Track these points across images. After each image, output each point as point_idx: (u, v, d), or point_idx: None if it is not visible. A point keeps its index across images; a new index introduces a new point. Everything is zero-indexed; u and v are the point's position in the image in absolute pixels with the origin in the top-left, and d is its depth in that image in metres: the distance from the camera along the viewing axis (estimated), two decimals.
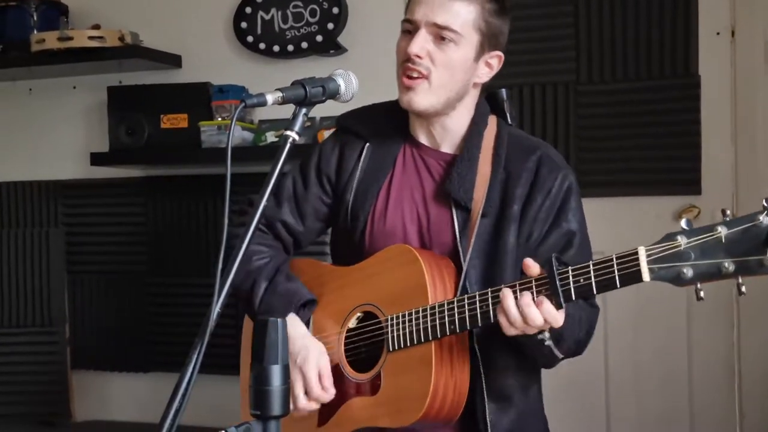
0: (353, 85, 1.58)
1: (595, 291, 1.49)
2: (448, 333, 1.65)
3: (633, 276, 1.43)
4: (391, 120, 1.90)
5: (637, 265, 1.42)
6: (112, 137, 3.41)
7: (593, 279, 1.48)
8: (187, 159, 3.38)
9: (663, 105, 2.98)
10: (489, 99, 1.90)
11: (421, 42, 1.74)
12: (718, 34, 2.94)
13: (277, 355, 1.20)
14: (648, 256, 1.41)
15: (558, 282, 1.50)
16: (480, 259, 1.75)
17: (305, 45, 3.30)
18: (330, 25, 3.26)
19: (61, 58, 3.33)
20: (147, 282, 3.56)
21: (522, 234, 1.76)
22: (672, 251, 1.39)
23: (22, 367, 3.57)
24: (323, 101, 1.53)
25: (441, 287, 1.71)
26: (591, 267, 1.48)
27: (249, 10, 3.37)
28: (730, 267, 1.35)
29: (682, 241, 1.38)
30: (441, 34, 1.74)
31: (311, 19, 3.29)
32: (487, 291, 1.62)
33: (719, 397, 2.95)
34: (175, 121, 3.34)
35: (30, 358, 3.57)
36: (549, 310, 1.51)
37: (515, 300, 1.54)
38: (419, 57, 1.74)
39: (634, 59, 3.01)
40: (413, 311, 1.69)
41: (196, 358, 1.25)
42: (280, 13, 3.34)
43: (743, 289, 1.35)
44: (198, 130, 3.27)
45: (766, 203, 1.33)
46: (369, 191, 1.86)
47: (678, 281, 1.39)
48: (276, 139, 3.24)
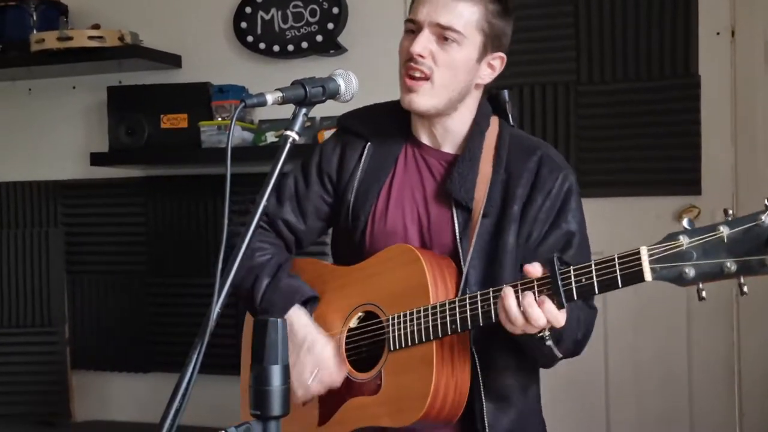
0: (353, 85, 1.58)
1: (597, 291, 1.48)
2: (449, 333, 1.65)
3: (635, 276, 1.43)
4: (393, 120, 1.90)
5: (639, 265, 1.42)
6: (111, 137, 3.41)
7: (595, 279, 1.48)
8: (187, 159, 3.38)
9: (663, 105, 2.98)
10: (491, 100, 1.90)
11: (424, 42, 1.74)
12: (718, 34, 2.94)
13: (277, 356, 1.20)
14: (650, 255, 1.41)
15: (560, 282, 1.49)
16: (480, 260, 1.75)
17: (305, 45, 3.30)
18: (330, 25, 3.26)
19: (61, 58, 3.33)
20: (147, 282, 3.55)
21: (522, 234, 1.76)
22: (674, 251, 1.39)
23: (21, 367, 3.56)
24: (323, 101, 1.53)
25: (442, 287, 1.71)
26: (593, 267, 1.48)
27: (249, 10, 3.37)
28: (732, 267, 1.34)
29: (684, 241, 1.38)
30: (444, 34, 1.74)
31: (311, 19, 3.29)
32: (489, 290, 1.62)
33: (719, 398, 2.95)
34: (175, 121, 3.34)
35: (30, 358, 3.57)
36: (551, 309, 1.51)
37: (516, 299, 1.54)
38: (422, 56, 1.74)
39: (634, 59, 3.01)
40: (414, 311, 1.69)
41: (196, 358, 1.25)
42: (280, 13, 3.33)
43: (745, 289, 1.34)
44: (198, 130, 3.27)
45: (767, 203, 1.33)
46: (370, 191, 1.86)
47: (680, 281, 1.39)
48: (276, 139, 3.24)
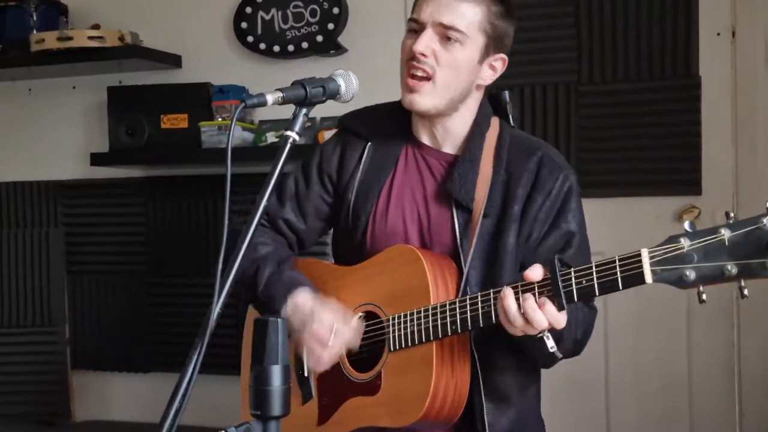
0: (353, 86, 1.58)
1: (598, 293, 1.48)
2: (449, 333, 1.65)
3: (635, 278, 1.43)
4: (394, 120, 1.90)
5: (640, 267, 1.41)
6: (112, 137, 3.41)
7: (596, 280, 1.47)
8: (187, 159, 3.38)
9: (663, 105, 2.98)
10: (492, 100, 1.90)
11: (427, 41, 1.74)
12: (718, 34, 2.94)
13: (277, 356, 1.20)
14: (651, 258, 1.40)
15: (560, 283, 1.49)
16: (481, 260, 1.75)
17: (305, 45, 3.29)
18: (330, 25, 3.26)
19: (61, 58, 3.33)
20: (147, 282, 3.55)
21: (522, 234, 1.76)
22: (675, 253, 1.38)
23: (21, 367, 3.56)
24: (323, 101, 1.53)
25: (443, 287, 1.71)
26: (594, 268, 1.48)
27: (249, 10, 3.37)
28: (732, 270, 1.34)
29: (685, 244, 1.37)
30: (447, 34, 1.74)
31: (311, 19, 3.29)
32: (489, 291, 1.61)
33: (719, 399, 2.94)
34: (175, 122, 3.34)
35: (30, 358, 3.57)
36: (551, 311, 1.51)
37: (516, 300, 1.54)
38: (424, 55, 1.74)
39: (634, 60, 3.00)
40: (415, 311, 1.69)
41: (196, 358, 1.25)
42: (280, 13, 3.33)
43: (745, 292, 1.34)
44: (198, 130, 3.27)
45: None
46: (370, 191, 1.86)
47: (680, 284, 1.38)
48: (276, 140, 3.24)
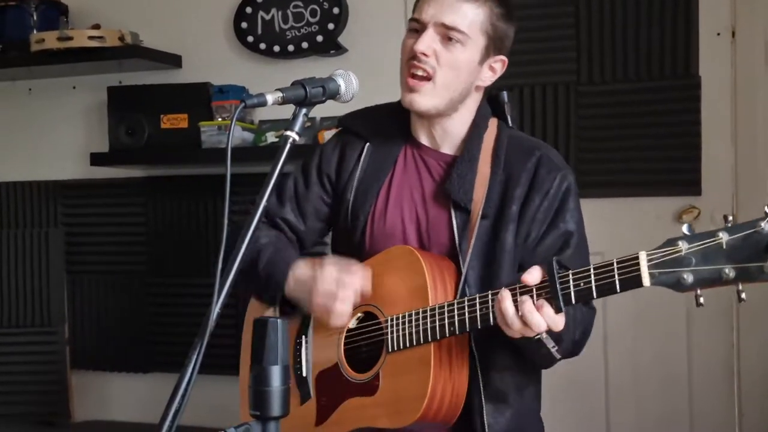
0: (353, 86, 1.58)
1: (595, 295, 1.48)
2: (447, 335, 1.65)
3: (633, 281, 1.43)
4: (393, 121, 1.91)
5: (638, 270, 1.41)
6: (112, 137, 3.41)
7: (593, 283, 1.47)
8: (187, 159, 3.38)
9: (663, 105, 2.98)
10: (490, 101, 1.91)
11: (429, 41, 1.75)
12: (718, 34, 2.93)
13: (277, 356, 1.20)
14: (649, 260, 1.40)
15: (558, 286, 1.49)
16: (479, 260, 1.75)
17: (305, 45, 3.29)
18: (330, 25, 3.26)
19: (61, 58, 3.33)
20: (147, 282, 3.55)
21: (520, 234, 1.76)
22: (673, 256, 1.38)
23: (21, 367, 3.56)
24: (323, 101, 1.53)
25: (441, 289, 1.71)
26: (591, 271, 1.48)
27: (249, 10, 3.37)
28: (730, 273, 1.34)
29: (683, 247, 1.37)
30: (448, 34, 1.75)
31: (311, 19, 3.29)
32: (488, 293, 1.61)
33: (719, 400, 2.94)
34: (175, 121, 3.34)
35: (29, 358, 3.57)
36: (549, 313, 1.51)
37: (514, 303, 1.54)
38: (426, 55, 1.75)
39: (634, 60, 3.00)
40: (413, 312, 1.69)
41: (195, 358, 1.25)
42: (280, 13, 3.33)
43: (743, 296, 1.34)
44: (198, 130, 3.27)
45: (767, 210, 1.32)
46: (369, 191, 1.86)
47: (678, 287, 1.38)
48: (276, 140, 3.23)
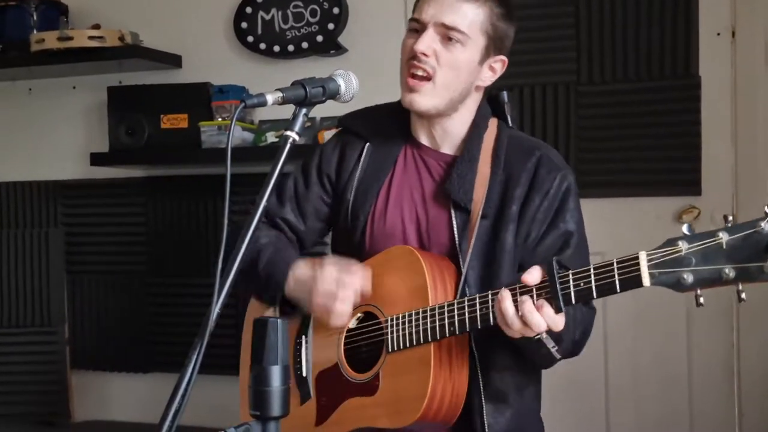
0: (353, 86, 1.58)
1: (595, 295, 1.48)
2: (447, 335, 1.65)
3: (633, 281, 1.43)
4: (393, 121, 1.91)
5: (638, 270, 1.41)
6: (112, 137, 3.41)
7: (593, 283, 1.47)
8: (187, 159, 3.37)
9: (663, 105, 2.97)
10: (490, 101, 1.91)
11: (429, 41, 1.75)
12: (718, 34, 2.93)
13: (277, 356, 1.20)
14: (649, 260, 1.40)
15: (558, 286, 1.49)
16: (479, 260, 1.75)
17: (305, 45, 3.29)
18: (330, 25, 3.26)
19: (61, 58, 3.33)
20: (147, 282, 3.55)
21: (520, 234, 1.76)
22: (673, 256, 1.38)
23: (21, 367, 3.56)
24: (323, 101, 1.53)
25: (441, 289, 1.71)
26: (591, 271, 1.48)
27: (249, 10, 3.37)
28: (730, 273, 1.34)
29: (683, 247, 1.37)
30: (448, 34, 1.75)
31: (311, 19, 3.29)
32: (488, 293, 1.61)
33: (719, 401, 2.94)
34: (175, 122, 3.34)
35: (29, 358, 3.57)
36: (549, 313, 1.51)
37: (514, 303, 1.54)
38: (426, 55, 1.75)
39: (634, 60, 3.00)
40: (413, 312, 1.69)
41: (195, 358, 1.25)
42: (280, 13, 3.33)
43: (743, 296, 1.34)
44: (198, 130, 3.27)
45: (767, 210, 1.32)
46: (369, 191, 1.86)
47: (678, 287, 1.38)
48: (276, 140, 3.23)
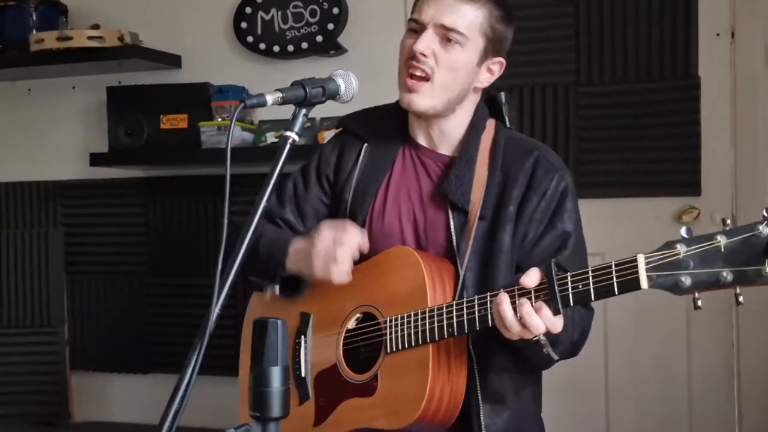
0: (353, 86, 1.58)
1: (594, 298, 1.48)
2: (446, 336, 1.65)
3: (631, 283, 1.43)
4: (392, 121, 1.91)
5: (636, 273, 1.41)
6: (111, 137, 3.40)
7: (591, 285, 1.47)
8: (187, 159, 3.37)
9: (663, 106, 2.98)
10: (488, 102, 1.91)
11: (428, 41, 1.75)
12: (718, 35, 2.93)
13: (277, 357, 1.20)
14: (647, 263, 1.40)
15: (557, 288, 1.49)
16: (476, 261, 1.75)
17: (305, 45, 3.29)
18: (330, 26, 3.26)
19: (61, 58, 3.33)
20: (146, 282, 3.55)
21: (517, 235, 1.76)
22: (671, 259, 1.38)
23: (21, 368, 3.56)
24: (323, 102, 1.53)
25: (440, 290, 1.71)
26: (590, 273, 1.48)
27: (249, 10, 3.37)
28: (728, 276, 1.34)
29: (681, 250, 1.37)
30: (447, 35, 1.75)
31: (311, 20, 3.29)
32: (486, 295, 1.61)
33: (718, 401, 2.94)
34: (175, 122, 3.34)
35: (29, 358, 3.57)
36: (547, 316, 1.51)
37: (512, 305, 1.53)
38: (425, 55, 1.75)
39: (634, 60, 3.00)
40: (412, 313, 1.69)
41: (195, 359, 1.25)
42: (280, 14, 3.33)
43: (741, 299, 1.34)
44: (198, 130, 3.27)
45: (766, 213, 1.32)
46: (367, 191, 1.87)
47: (676, 290, 1.38)
48: (276, 140, 3.23)
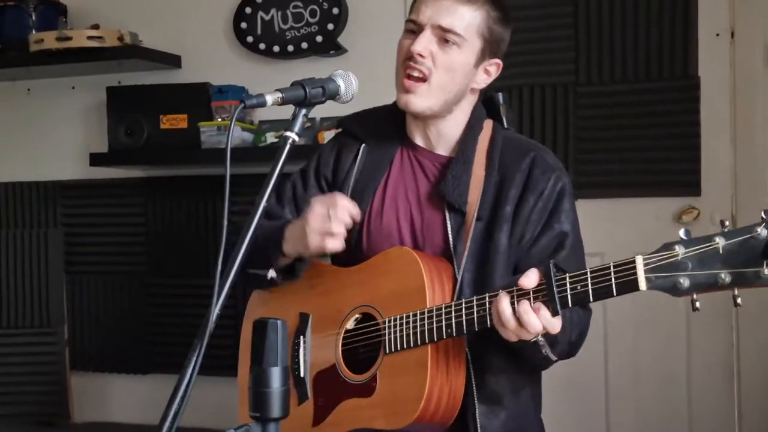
0: (353, 86, 1.58)
1: (592, 298, 1.48)
2: (444, 336, 1.65)
3: (630, 284, 1.43)
4: (391, 122, 1.91)
5: (634, 274, 1.42)
6: (111, 138, 3.41)
7: (590, 287, 1.48)
8: (187, 159, 3.37)
9: (662, 106, 2.98)
10: (485, 103, 1.91)
11: (425, 42, 1.75)
12: (717, 35, 2.94)
13: (277, 357, 1.20)
14: (645, 265, 1.41)
15: (555, 289, 1.49)
16: (474, 262, 1.75)
17: (305, 45, 3.29)
18: (330, 26, 3.26)
19: (60, 58, 3.33)
20: (146, 283, 3.55)
21: (514, 235, 1.76)
22: (669, 261, 1.38)
23: (21, 368, 3.56)
24: (323, 102, 1.53)
25: (439, 290, 1.71)
26: (588, 274, 1.48)
27: (249, 10, 3.37)
28: (726, 278, 1.34)
29: (679, 251, 1.38)
30: (445, 36, 1.75)
31: (311, 20, 3.29)
32: (485, 295, 1.61)
33: (718, 400, 2.94)
34: (175, 122, 3.34)
35: (29, 359, 3.56)
36: (546, 316, 1.51)
37: (511, 305, 1.53)
38: (422, 56, 1.75)
39: (633, 60, 3.00)
40: (411, 314, 1.69)
41: (195, 359, 1.25)
42: (280, 14, 3.33)
43: (739, 301, 1.34)
44: (197, 130, 3.27)
45: (764, 215, 1.32)
46: (366, 191, 1.87)
47: (674, 291, 1.39)
48: (276, 140, 3.23)
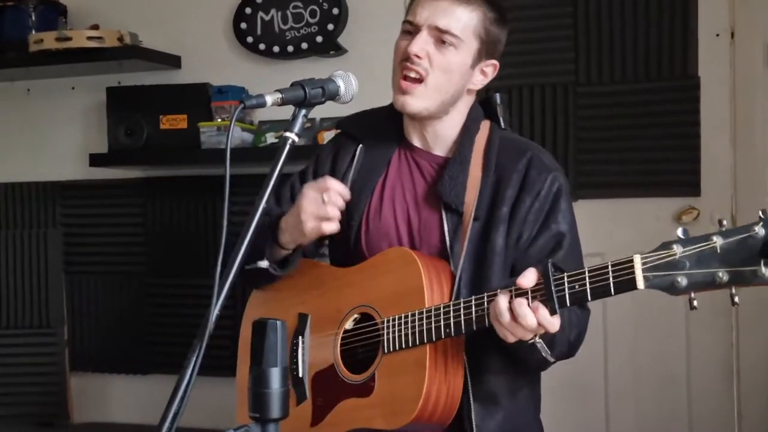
0: (353, 86, 1.58)
1: (590, 298, 1.49)
2: (443, 336, 1.65)
3: (628, 283, 1.43)
4: (388, 123, 1.92)
5: (632, 273, 1.42)
6: (110, 138, 3.40)
7: (588, 286, 1.48)
8: (187, 160, 3.37)
9: (662, 106, 2.98)
10: (483, 103, 1.91)
11: (422, 43, 1.75)
12: (717, 35, 2.94)
13: (277, 358, 1.20)
14: (643, 264, 1.41)
15: (553, 288, 1.49)
16: (471, 262, 1.75)
17: (305, 46, 3.29)
18: (330, 26, 3.26)
19: (60, 58, 3.32)
20: (146, 283, 3.55)
21: (511, 235, 1.76)
22: (667, 260, 1.39)
23: (20, 369, 3.56)
24: (323, 102, 1.54)
25: (438, 290, 1.71)
26: (586, 274, 1.48)
27: (249, 10, 3.37)
28: (724, 277, 1.34)
29: (677, 250, 1.38)
30: (442, 37, 1.75)
31: (311, 20, 3.29)
32: (483, 295, 1.61)
33: (718, 400, 2.94)
34: (175, 122, 3.34)
35: (28, 359, 3.56)
36: (544, 315, 1.51)
37: (509, 304, 1.53)
38: (419, 57, 1.75)
39: (633, 60, 3.00)
40: (409, 314, 1.69)
41: (195, 359, 1.25)
42: (279, 14, 3.33)
43: (736, 300, 1.34)
44: (197, 130, 3.27)
45: (762, 215, 1.33)
46: (363, 191, 1.87)
47: (672, 290, 1.39)
48: (276, 140, 3.23)
